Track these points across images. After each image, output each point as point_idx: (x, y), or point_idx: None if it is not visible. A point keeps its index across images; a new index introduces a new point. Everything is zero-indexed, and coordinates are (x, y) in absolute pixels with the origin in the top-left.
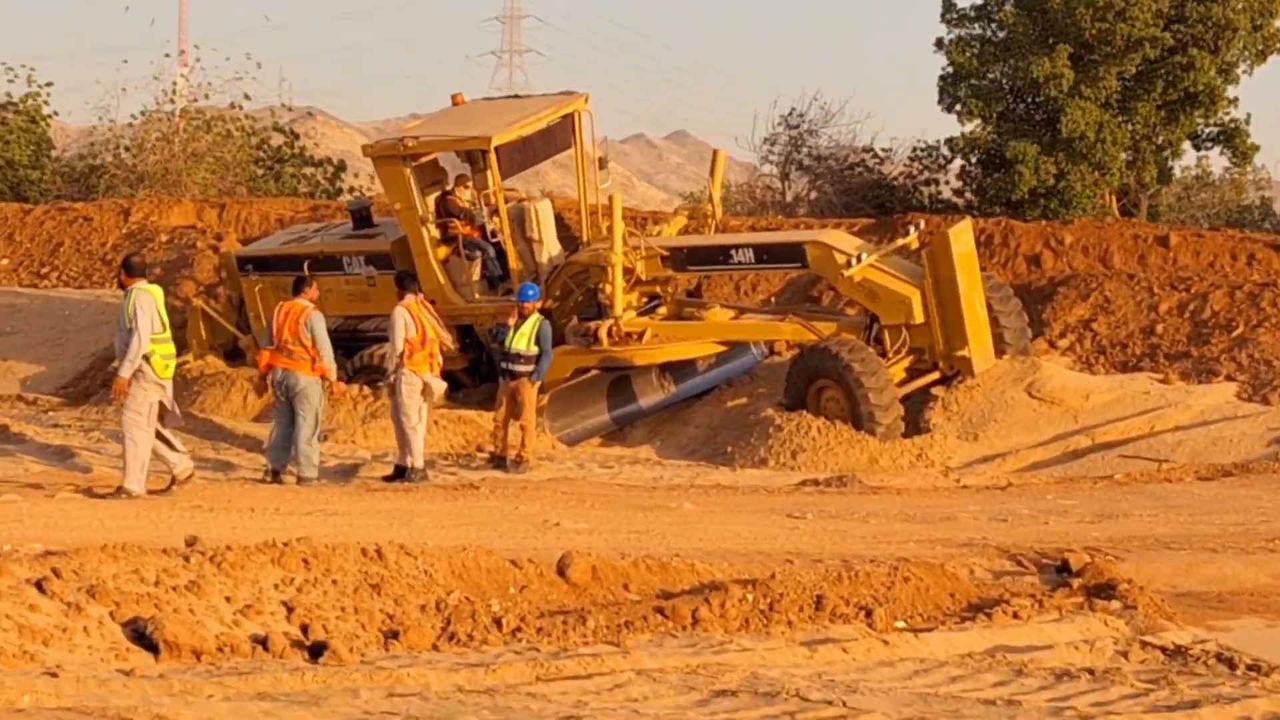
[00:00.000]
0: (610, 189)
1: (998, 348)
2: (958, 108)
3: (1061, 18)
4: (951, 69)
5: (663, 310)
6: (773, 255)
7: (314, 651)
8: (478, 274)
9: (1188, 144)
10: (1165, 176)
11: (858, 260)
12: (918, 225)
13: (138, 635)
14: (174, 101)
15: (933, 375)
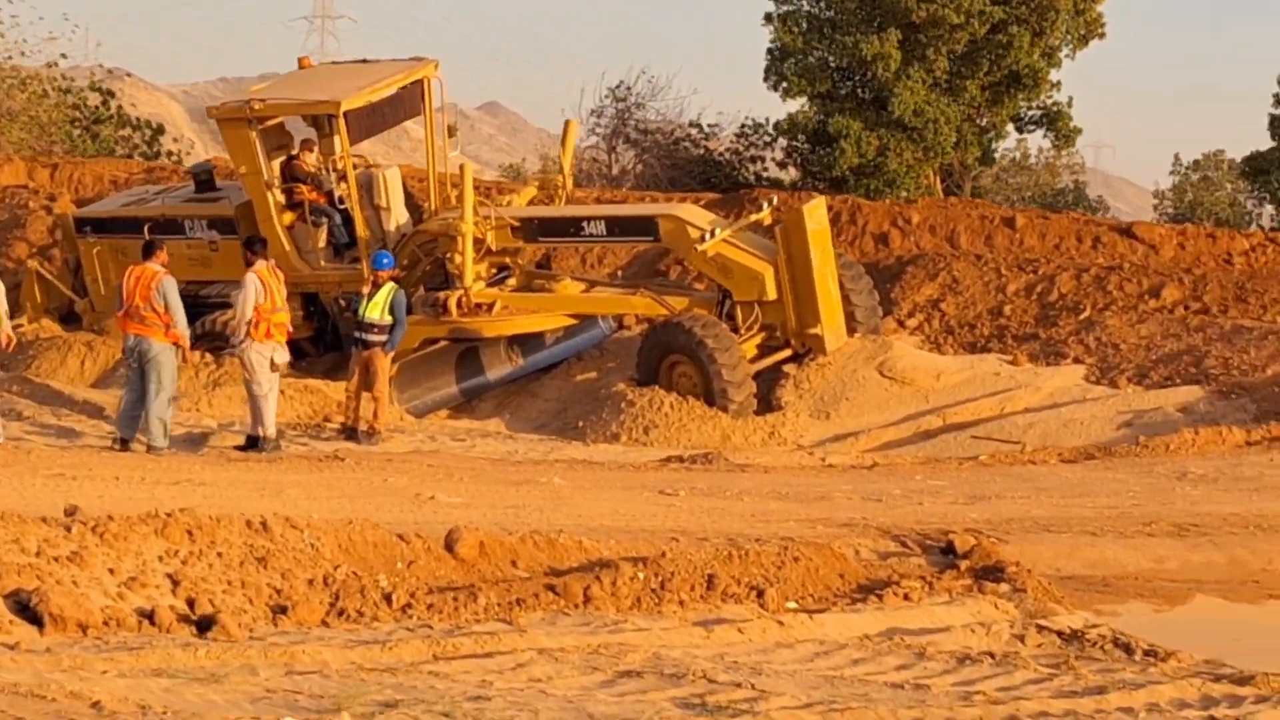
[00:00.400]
0: (459, 158)
1: (849, 326)
2: (783, 85)
3: (890, 1)
4: (779, 45)
5: (512, 282)
6: (624, 228)
7: (201, 626)
8: (323, 241)
9: (1010, 126)
10: (988, 158)
11: (711, 235)
12: (770, 201)
13: (20, 607)
14: None
15: (785, 352)
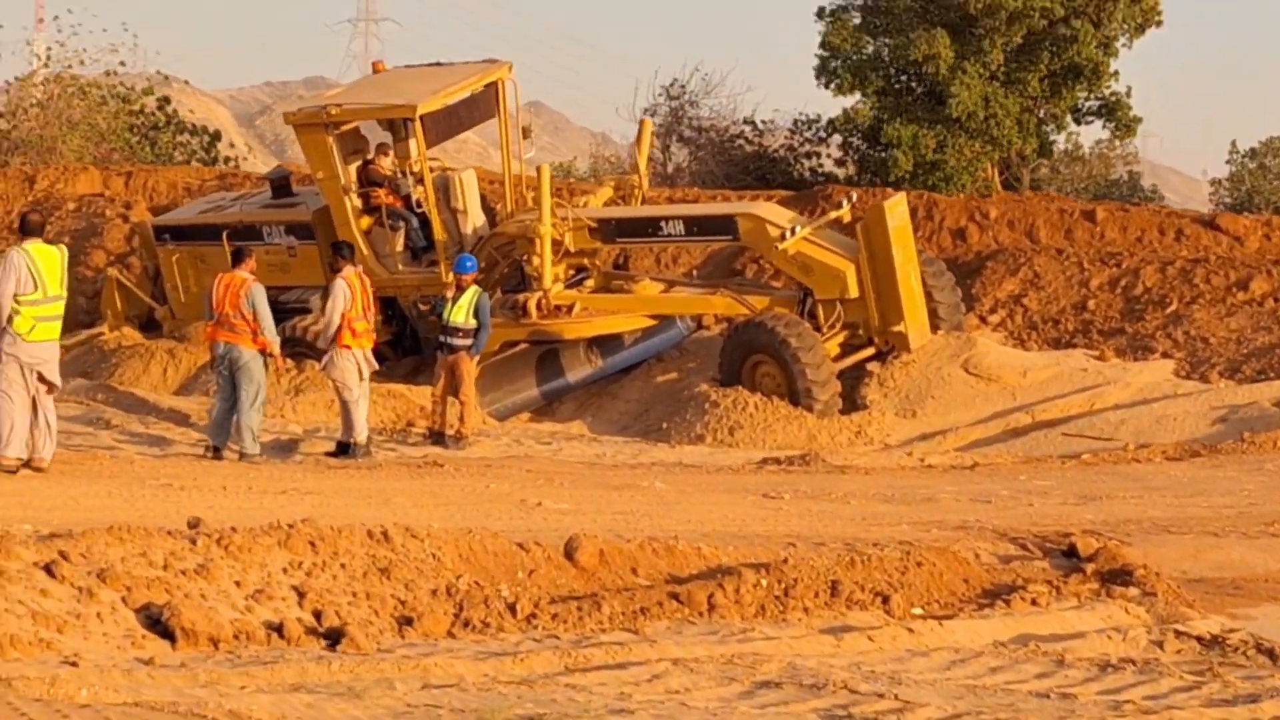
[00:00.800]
0: (534, 159)
1: (932, 323)
2: (835, 83)
3: None
4: (830, 42)
5: (590, 283)
6: (703, 227)
7: (330, 638)
8: (401, 245)
9: (1068, 117)
10: (1047, 150)
11: (791, 233)
12: (850, 198)
13: (152, 622)
14: (48, 66)
15: (868, 351)
